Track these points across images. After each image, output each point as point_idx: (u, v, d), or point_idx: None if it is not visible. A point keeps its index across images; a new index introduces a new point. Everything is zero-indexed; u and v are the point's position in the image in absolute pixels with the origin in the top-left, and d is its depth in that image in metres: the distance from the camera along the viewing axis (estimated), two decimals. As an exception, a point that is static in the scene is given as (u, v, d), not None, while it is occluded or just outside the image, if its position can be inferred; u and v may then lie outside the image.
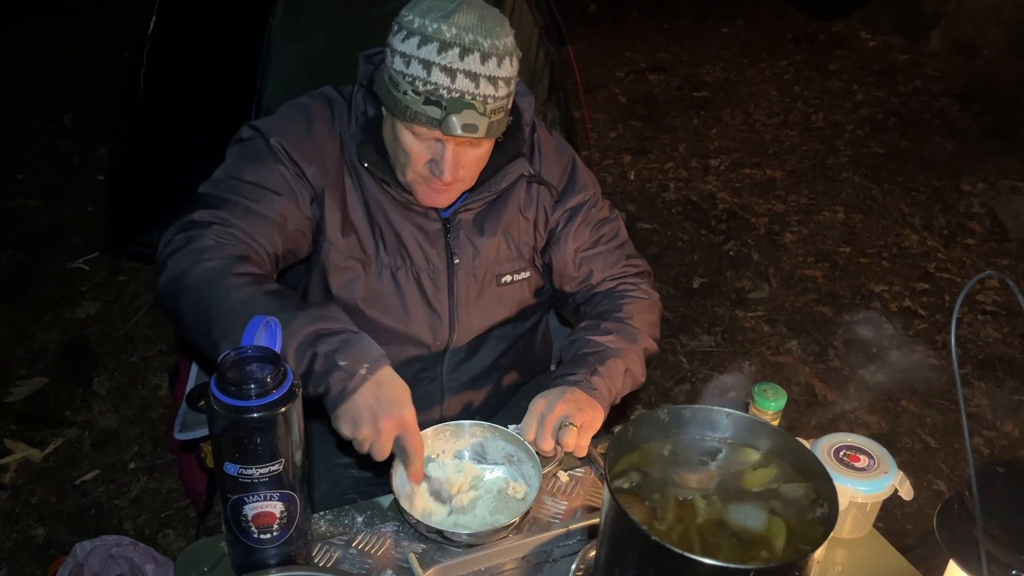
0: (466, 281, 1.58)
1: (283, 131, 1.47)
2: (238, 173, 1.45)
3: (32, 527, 2.55)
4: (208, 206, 1.41)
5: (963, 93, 5.78)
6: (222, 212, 1.39)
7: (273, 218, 1.43)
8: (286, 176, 1.45)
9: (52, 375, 3.17)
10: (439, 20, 1.31)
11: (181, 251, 1.35)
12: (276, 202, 1.43)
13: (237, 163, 1.47)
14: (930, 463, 2.86)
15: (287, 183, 1.45)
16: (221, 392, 1.07)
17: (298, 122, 1.49)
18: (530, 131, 1.60)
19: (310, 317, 1.26)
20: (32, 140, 5.05)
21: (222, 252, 1.34)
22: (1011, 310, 3.60)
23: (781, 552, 0.97)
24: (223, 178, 1.46)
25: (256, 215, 1.41)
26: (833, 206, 4.53)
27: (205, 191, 1.45)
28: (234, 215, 1.40)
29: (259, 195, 1.42)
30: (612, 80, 6.21)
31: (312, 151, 1.47)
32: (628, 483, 1.05)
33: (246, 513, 1.14)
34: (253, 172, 1.44)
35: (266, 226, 1.42)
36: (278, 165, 1.45)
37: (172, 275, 1.33)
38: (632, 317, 1.63)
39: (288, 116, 1.51)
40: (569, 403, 1.43)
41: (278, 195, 1.44)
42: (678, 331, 3.53)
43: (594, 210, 1.68)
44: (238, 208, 1.41)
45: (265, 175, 1.44)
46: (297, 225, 1.46)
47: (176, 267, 1.33)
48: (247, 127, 1.51)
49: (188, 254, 1.34)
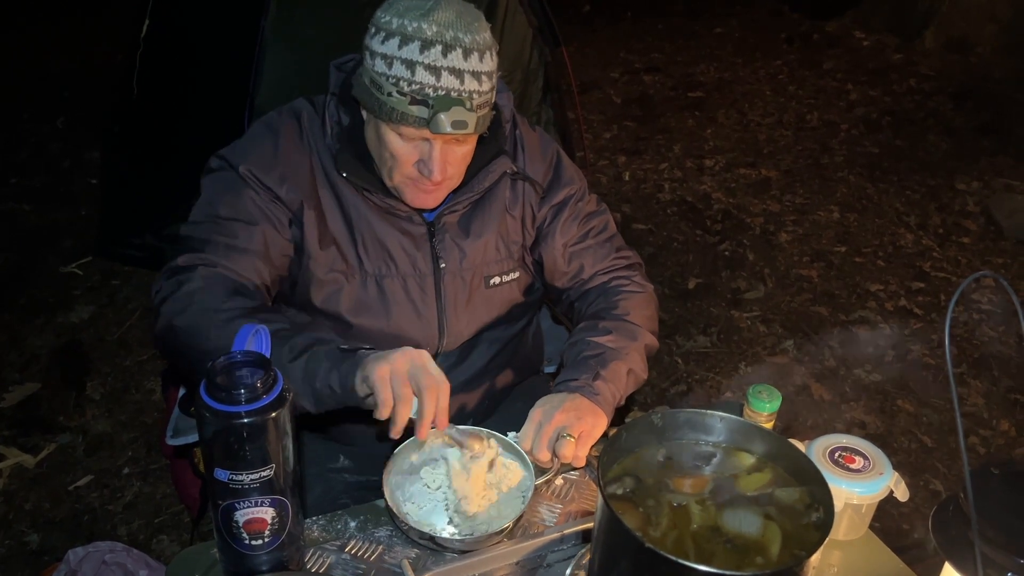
0: (453, 285, 1.57)
1: (250, 157, 1.47)
2: (214, 209, 1.45)
3: (25, 533, 2.54)
4: (192, 249, 1.42)
5: (957, 92, 5.78)
6: (205, 254, 1.41)
7: (256, 250, 1.44)
8: (260, 204, 1.45)
9: (45, 380, 3.15)
10: (418, 19, 1.30)
11: (172, 297, 1.37)
12: (255, 233, 1.44)
13: (211, 198, 1.47)
14: (926, 463, 2.86)
15: (262, 211, 1.45)
16: (210, 397, 1.06)
17: (264, 144, 1.48)
18: (511, 128, 1.59)
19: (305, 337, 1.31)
20: (24, 143, 5.04)
21: (212, 293, 1.36)
22: (1006, 309, 3.61)
23: (776, 558, 0.96)
24: (201, 218, 1.46)
25: (238, 251, 1.42)
26: (828, 205, 4.53)
27: (187, 233, 1.46)
28: (217, 254, 1.41)
29: (237, 229, 1.43)
30: (606, 81, 6.21)
31: (281, 171, 1.46)
32: (622, 489, 1.04)
33: (237, 519, 1.13)
34: (228, 207, 1.45)
35: (250, 260, 1.43)
36: (250, 192, 1.45)
37: (165, 321, 1.36)
38: (629, 313, 1.62)
39: (254, 139, 1.50)
40: (568, 412, 1.41)
41: (255, 225, 1.44)
42: (674, 332, 3.53)
43: (581, 204, 1.67)
44: (220, 247, 1.42)
45: (240, 207, 1.44)
46: (280, 250, 1.48)
47: (168, 312, 1.36)
48: (215, 158, 1.51)
49: (178, 299, 1.36)
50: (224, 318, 1.31)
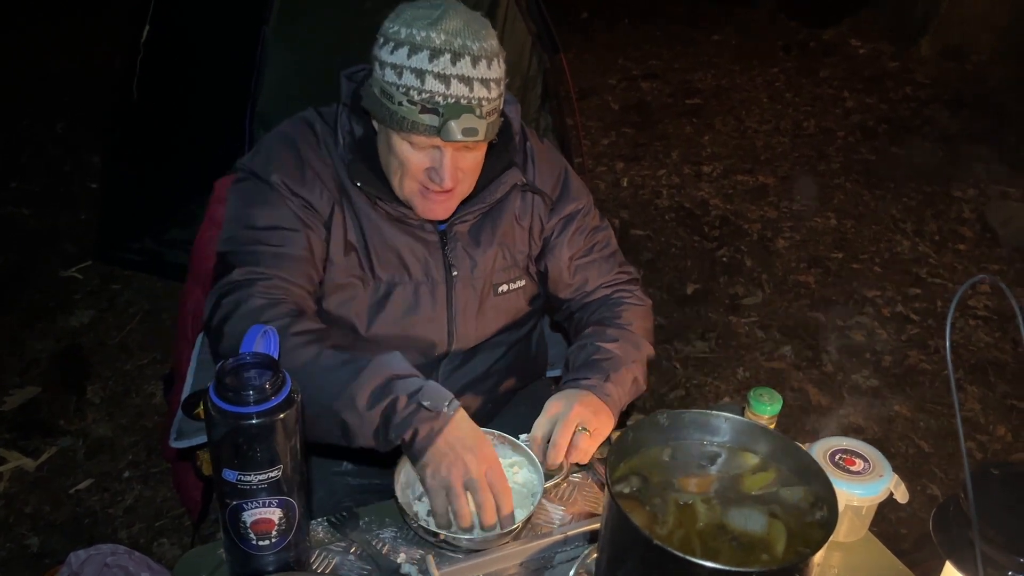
0: (464, 293, 1.58)
1: (278, 167, 1.46)
2: (252, 221, 1.44)
3: (26, 536, 2.53)
4: (241, 264, 1.40)
5: (953, 99, 5.82)
6: (258, 267, 1.40)
7: (303, 255, 1.43)
8: (297, 211, 1.45)
9: (45, 384, 3.15)
10: (426, 28, 1.31)
11: (234, 316, 1.35)
12: (299, 239, 1.44)
13: (246, 211, 1.46)
14: (924, 468, 2.87)
15: (299, 218, 1.45)
16: (220, 398, 1.07)
17: (287, 154, 1.48)
18: (521, 140, 1.61)
19: (382, 363, 1.29)
20: (24, 147, 5.03)
21: (278, 311, 1.35)
22: (1002, 315, 3.63)
23: (781, 555, 0.98)
24: (238, 231, 1.45)
25: (288, 258, 1.42)
26: (825, 212, 4.55)
27: (227, 249, 1.45)
28: (268, 265, 1.40)
29: (282, 238, 1.43)
30: (604, 87, 6.23)
31: (310, 178, 1.47)
32: (629, 488, 1.06)
33: (244, 519, 1.14)
34: (267, 216, 1.44)
35: (300, 266, 1.43)
36: (286, 201, 1.45)
37: (233, 343, 1.31)
38: (632, 324, 1.64)
39: (275, 150, 1.50)
40: (585, 405, 1.44)
41: (297, 231, 1.44)
42: (672, 337, 3.54)
43: (587, 218, 1.69)
44: (268, 257, 1.41)
45: (279, 216, 1.44)
46: (322, 255, 1.48)
47: (235, 333, 1.32)
48: (241, 171, 1.50)
49: (243, 318, 1.33)
50: (294, 343, 1.30)
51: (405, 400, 1.26)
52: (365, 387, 1.26)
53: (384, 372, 1.28)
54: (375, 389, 1.26)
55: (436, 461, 1.25)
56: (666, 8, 7.70)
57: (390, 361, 1.31)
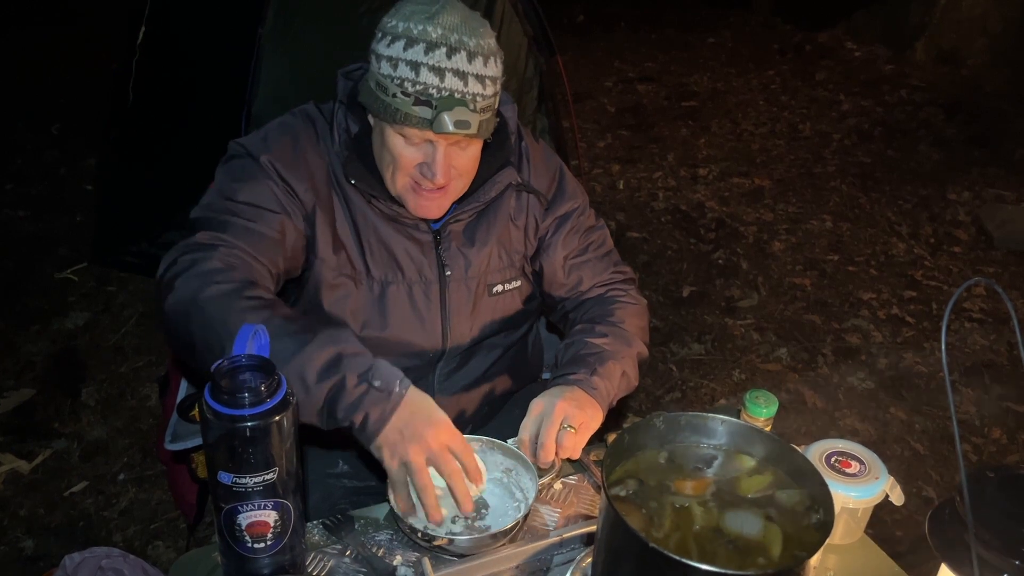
0: (458, 292, 1.58)
1: (272, 150, 1.46)
2: (232, 194, 1.44)
3: (20, 539, 2.53)
4: (209, 228, 1.40)
5: (948, 103, 5.84)
6: (224, 234, 1.39)
7: (273, 236, 1.42)
8: (279, 194, 1.45)
9: (40, 386, 3.14)
10: (424, 22, 1.31)
11: (188, 272, 1.33)
12: (274, 220, 1.43)
13: (229, 184, 1.46)
14: (919, 470, 2.87)
15: (280, 201, 1.45)
16: (215, 401, 1.07)
17: (285, 141, 1.49)
18: (516, 139, 1.61)
19: (330, 337, 1.25)
20: (19, 150, 5.03)
21: (231, 276, 1.33)
22: (998, 317, 3.64)
23: (778, 558, 0.98)
24: (217, 200, 1.45)
25: (256, 235, 1.41)
26: (821, 215, 4.56)
27: (200, 215, 1.44)
28: (236, 236, 1.39)
29: (257, 215, 1.42)
30: (601, 90, 6.25)
31: (301, 169, 1.47)
32: (625, 491, 1.06)
33: (240, 522, 1.13)
34: (248, 192, 1.44)
35: (268, 245, 1.42)
36: (270, 183, 1.44)
37: (181, 297, 1.31)
38: (624, 321, 1.63)
39: (274, 135, 1.50)
40: (569, 401, 1.42)
41: (275, 213, 1.43)
42: (668, 339, 3.54)
43: (582, 218, 1.69)
44: (238, 229, 1.40)
45: (259, 194, 1.44)
46: (294, 242, 1.47)
47: (185, 289, 1.31)
48: (235, 144, 1.50)
49: (196, 276, 1.32)
50: (245, 306, 1.27)
51: (355, 379, 1.21)
52: (314, 360, 1.21)
53: (332, 347, 1.23)
54: (323, 365, 1.22)
55: (392, 441, 1.21)
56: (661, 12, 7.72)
57: (338, 336, 1.26)
